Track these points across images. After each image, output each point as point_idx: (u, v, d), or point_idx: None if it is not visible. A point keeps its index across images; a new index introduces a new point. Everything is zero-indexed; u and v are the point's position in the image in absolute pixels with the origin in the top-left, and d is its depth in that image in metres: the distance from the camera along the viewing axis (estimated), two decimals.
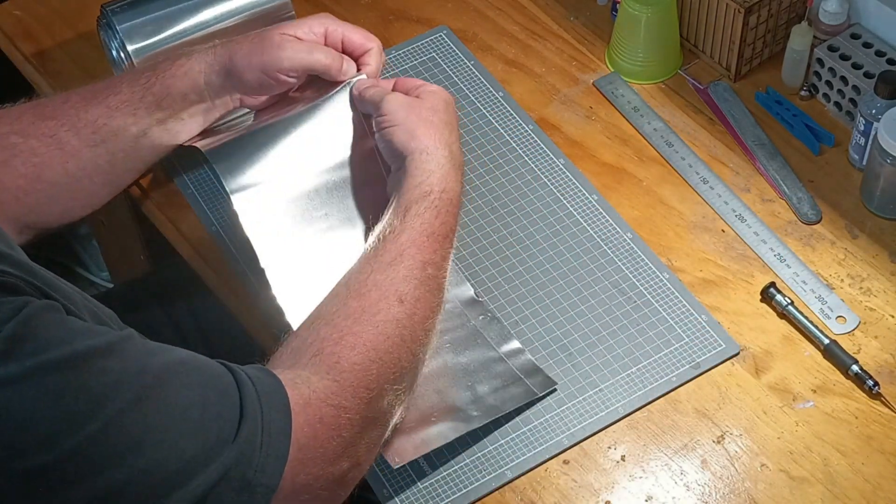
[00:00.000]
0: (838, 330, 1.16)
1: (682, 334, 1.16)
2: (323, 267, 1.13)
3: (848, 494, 1.06)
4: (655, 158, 1.31)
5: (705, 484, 1.07)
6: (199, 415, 0.88)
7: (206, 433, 0.88)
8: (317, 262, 1.15)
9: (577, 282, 1.20)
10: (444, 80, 1.37)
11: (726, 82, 1.36)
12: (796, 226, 1.24)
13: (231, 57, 1.18)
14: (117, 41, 1.28)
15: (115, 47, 1.29)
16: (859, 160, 1.27)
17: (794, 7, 1.34)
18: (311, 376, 0.96)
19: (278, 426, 0.91)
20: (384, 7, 1.47)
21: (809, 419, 1.10)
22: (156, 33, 1.29)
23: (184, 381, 0.89)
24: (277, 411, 0.92)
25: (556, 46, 1.42)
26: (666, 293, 1.19)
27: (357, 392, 0.97)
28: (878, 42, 1.30)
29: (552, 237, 1.23)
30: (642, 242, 1.23)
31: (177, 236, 1.27)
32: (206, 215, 1.26)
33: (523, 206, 1.26)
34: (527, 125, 1.33)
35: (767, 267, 1.21)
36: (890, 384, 1.12)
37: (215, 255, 1.24)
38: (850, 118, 1.30)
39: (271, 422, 0.91)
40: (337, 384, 0.96)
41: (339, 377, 0.96)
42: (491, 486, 1.07)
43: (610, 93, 1.36)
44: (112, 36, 1.29)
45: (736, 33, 1.32)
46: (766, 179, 1.28)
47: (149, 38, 1.29)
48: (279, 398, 0.93)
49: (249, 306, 1.20)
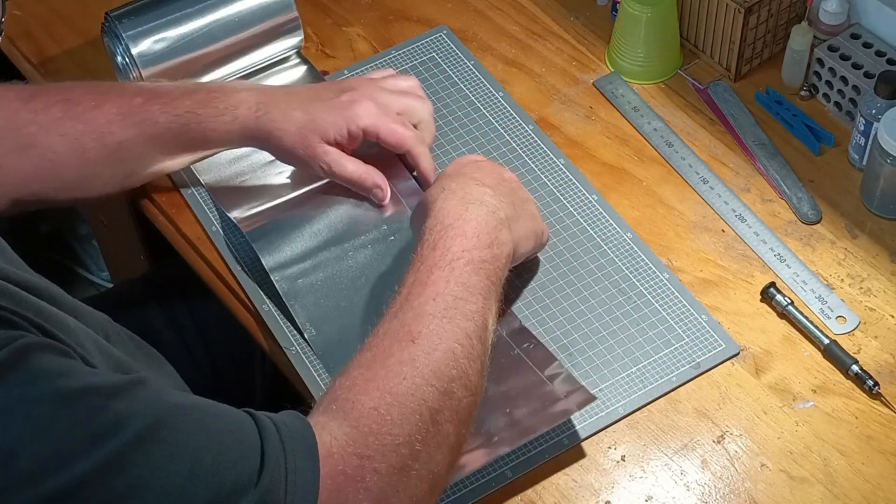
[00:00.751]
0: (838, 330, 1.16)
1: (682, 334, 1.16)
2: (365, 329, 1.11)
3: (848, 494, 1.06)
4: (655, 158, 1.31)
5: (705, 484, 1.07)
6: (212, 460, 0.81)
7: (221, 480, 0.81)
8: (360, 327, 1.15)
9: (577, 282, 1.20)
10: (444, 80, 1.37)
11: (726, 82, 1.36)
12: (796, 226, 1.24)
13: (268, 138, 1.18)
14: (122, 47, 1.28)
15: (121, 53, 1.29)
16: (859, 160, 1.27)
17: (794, 7, 1.34)
18: (329, 422, 0.89)
19: (305, 476, 0.85)
20: (384, 7, 1.47)
21: (809, 419, 1.10)
22: (161, 40, 1.29)
23: (196, 424, 0.83)
24: (304, 458, 0.85)
25: (556, 46, 1.42)
26: (666, 293, 1.19)
27: (380, 438, 0.89)
28: (878, 42, 1.30)
29: (552, 237, 1.23)
30: (642, 242, 1.23)
31: (177, 236, 1.27)
32: (206, 215, 1.26)
33: None
34: (527, 125, 1.33)
35: (767, 267, 1.21)
36: (890, 384, 1.12)
37: (215, 255, 1.24)
38: (850, 118, 1.30)
39: (296, 470, 0.84)
40: (356, 430, 0.89)
41: (357, 422, 0.89)
42: (491, 487, 1.07)
43: (610, 93, 1.36)
44: (117, 43, 1.29)
45: (736, 33, 1.32)
46: (766, 179, 1.28)
47: (154, 45, 1.29)
48: (306, 443, 0.87)
49: (250, 307, 1.20)
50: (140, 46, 1.28)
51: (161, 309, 1.36)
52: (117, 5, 1.31)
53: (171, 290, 1.38)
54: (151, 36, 1.29)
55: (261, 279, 1.20)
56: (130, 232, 1.51)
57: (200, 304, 1.33)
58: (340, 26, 1.45)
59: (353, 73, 1.38)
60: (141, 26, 1.29)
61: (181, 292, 1.36)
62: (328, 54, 1.42)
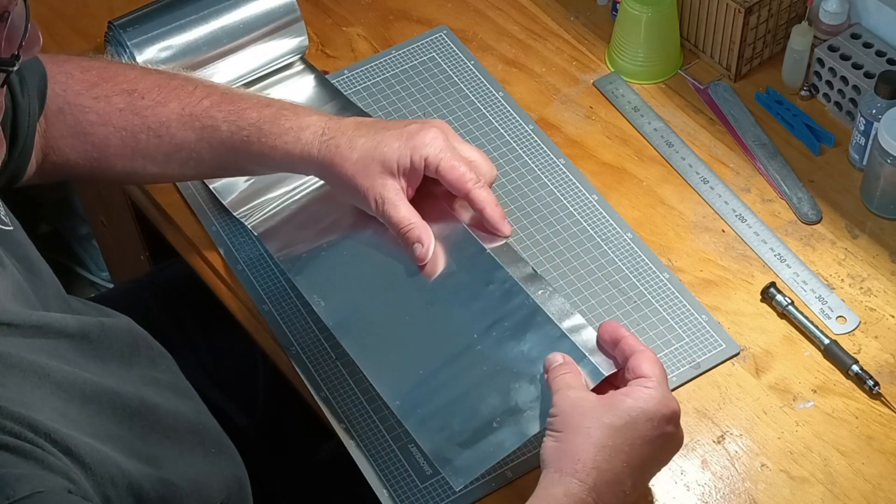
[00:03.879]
0: (838, 330, 1.16)
1: (682, 334, 1.16)
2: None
3: (848, 494, 1.06)
4: (655, 158, 1.31)
5: (705, 484, 1.07)
6: None
7: None
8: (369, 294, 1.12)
9: (577, 282, 1.20)
10: (445, 80, 1.37)
11: (726, 82, 1.36)
12: (796, 226, 1.24)
13: (329, 165, 1.10)
14: (127, 55, 1.28)
15: (126, 62, 1.29)
16: (860, 160, 1.27)
17: (795, 7, 1.34)
18: None
19: None
20: (384, 7, 1.47)
21: (809, 419, 1.10)
22: (167, 48, 1.29)
23: None
24: None
25: (556, 46, 1.42)
26: (666, 293, 1.19)
27: None
28: (878, 42, 1.30)
29: (552, 237, 1.23)
30: (642, 242, 1.23)
31: (177, 236, 1.27)
32: (207, 215, 1.26)
33: (523, 206, 1.26)
34: (527, 125, 1.33)
35: (767, 267, 1.21)
36: (890, 384, 1.12)
37: (215, 255, 1.24)
38: (850, 118, 1.30)
39: None
40: None
41: None
42: (491, 487, 1.07)
43: (610, 93, 1.36)
44: (122, 51, 1.29)
45: (736, 33, 1.32)
46: (766, 179, 1.28)
47: (160, 53, 1.28)
48: None
49: (250, 307, 1.20)
50: (145, 55, 1.27)
51: (161, 309, 1.36)
52: (119, 8, 1.31)
53: (172, 291, 1.38)
54: (156, 44, 1.28)
55: (261, 279, 1.20)
56: (130, 232, 1.51)
57: (200, 304, 1.33)
58: (340, 26, 1.45)
59: (353, 72, 1.38)
60: (145, 34, 1.28)
61: (181, 292, 1.36)
62: (328, 54, 1.42)
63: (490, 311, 1.07)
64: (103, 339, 1.00)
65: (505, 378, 1.03)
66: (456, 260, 1.10)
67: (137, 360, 1.04)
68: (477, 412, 1.02)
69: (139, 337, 1.08)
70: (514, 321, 1.05)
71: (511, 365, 1.03)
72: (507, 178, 1.28)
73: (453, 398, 1.04)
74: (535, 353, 1.03)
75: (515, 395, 1.02)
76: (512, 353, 1.04)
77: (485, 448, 1.00)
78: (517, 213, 1.25)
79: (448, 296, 1.09)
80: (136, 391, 0.99)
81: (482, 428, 1.01)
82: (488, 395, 1.02)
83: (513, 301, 1.07)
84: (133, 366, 1.03)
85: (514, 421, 1.01)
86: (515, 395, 1.02)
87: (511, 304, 1.06)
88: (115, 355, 1.01)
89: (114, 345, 1.02)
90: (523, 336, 1.05)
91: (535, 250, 1.22)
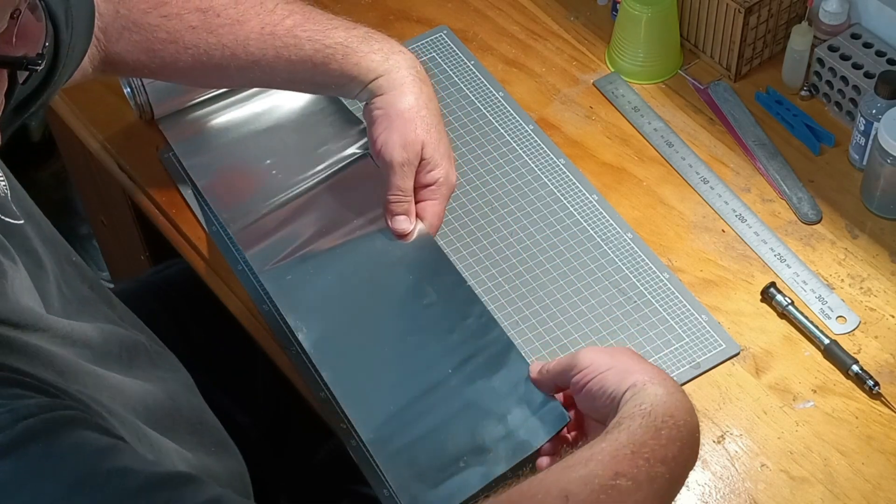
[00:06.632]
0: (838, 330, 1.16)
1: (682, 334, 1.16)
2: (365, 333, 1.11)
3: (848, 494, 1.06)
4: (655, 158, 1.31)
5: (705, 484, 1.07)
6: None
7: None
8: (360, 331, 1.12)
9: (577, 282, 1.20)
10: (445, 80, 1.37)
11: (726, 82, 1.36)
12: (796, 226, 1.24)
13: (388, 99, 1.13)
14: (136, 83, 1.27)
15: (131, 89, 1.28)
16: (860, 160, 1.27)
17: (795, 7, 1.34)
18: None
19: None
20: (384, 7, 1.47)
21: (809, 419, 1.10)
22: None
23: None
24: None
25: (556, 46, 1.42)
26: (666, 293, 1.19)
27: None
28: (878, 42, 1.30)
29: (552, 237, 1.23)
30: (642, 242, 1.23)
31: (177, 236, 1.27)
32: (207, 215, 1.26)
33: (523, 206, 1.26)
34: (527, 125, 1.33)
35: (767, 267, 1.21)
36: (890, 384, 1.12)
37: (215, 255, 1.24)
38: (850, 118, 1.30)
39: None
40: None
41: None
42: (491, 487, 1.07)
43: (610, 93, 1.36)
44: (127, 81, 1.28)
45: (736, 33, 1.32)
46: (766, 179, 1.28)
47: None
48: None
49: (250, 307, 1.20)
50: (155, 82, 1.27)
51: (161, 309, 1.35)
52: None
53: (172, 291, 1.38)
54: None
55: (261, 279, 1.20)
56: (130, 232, 1.51)
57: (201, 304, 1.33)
58: None
59: None
60: None
61: (181, 292, 1.36)
62: None
63: (465, 344, 1.08)
64: (103, 344, 1.00)
65: (474, 415, 1.03)
66: (436, 289, 1.12)
67: (137, 360, 1.04)
68: (445, 450, 1.02)
69: (139, 337, 1.08)
70: (487, 356, 1.07)
71: (481, 402, 1.04)
72: (508, 178, 1.28)
73: (423, 434, 1.04)
74: (505, 390, 1.04)
75: (483, 433, 1.02)
76: (483, 389, 1.05)
77: (450, 488, 1.00)
78: (517, 213, 1.25)
79: (427, 325, 1.10)
80: (136, 391, 0.99)
81: (449, 466, 1.01)
82: (457, 433, 1.03)
83: (488, 335, 1.08)
84: (133, 366, 1.03)
85: (480, 461, 1.01)
86: (483, 433, 1.02)
87: (486, 338, 1.08)
88: (115, 359, 1.01)
89: (113, 349, 1.02)
90: (496, 372, 1.06)
91: (535, 250, 1.22)
